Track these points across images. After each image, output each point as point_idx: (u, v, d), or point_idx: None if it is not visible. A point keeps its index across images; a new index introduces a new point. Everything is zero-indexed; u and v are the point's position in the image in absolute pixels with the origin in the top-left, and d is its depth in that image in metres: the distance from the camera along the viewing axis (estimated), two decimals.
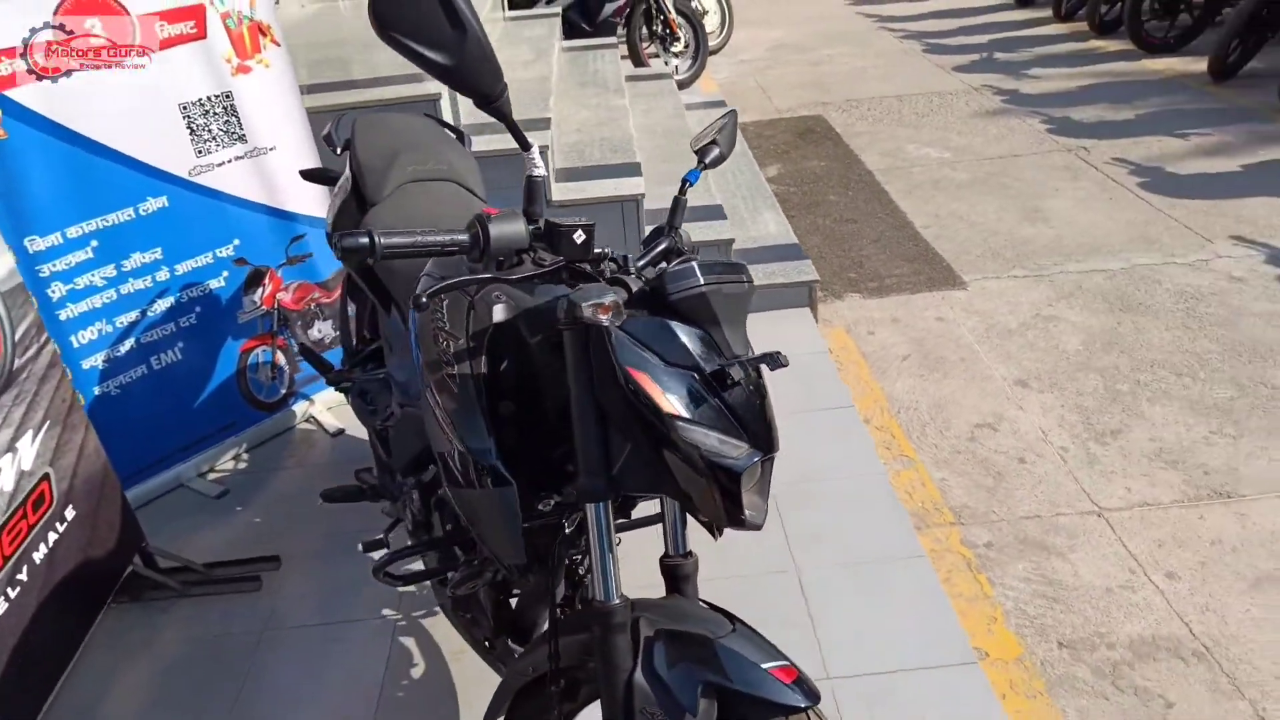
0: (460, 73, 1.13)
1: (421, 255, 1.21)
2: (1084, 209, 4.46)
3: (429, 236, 1.20)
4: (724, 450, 1.16)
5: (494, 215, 1.22)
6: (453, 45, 1.11)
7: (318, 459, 2.93)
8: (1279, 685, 2.06)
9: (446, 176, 2.17)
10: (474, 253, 1.22)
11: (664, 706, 1.25)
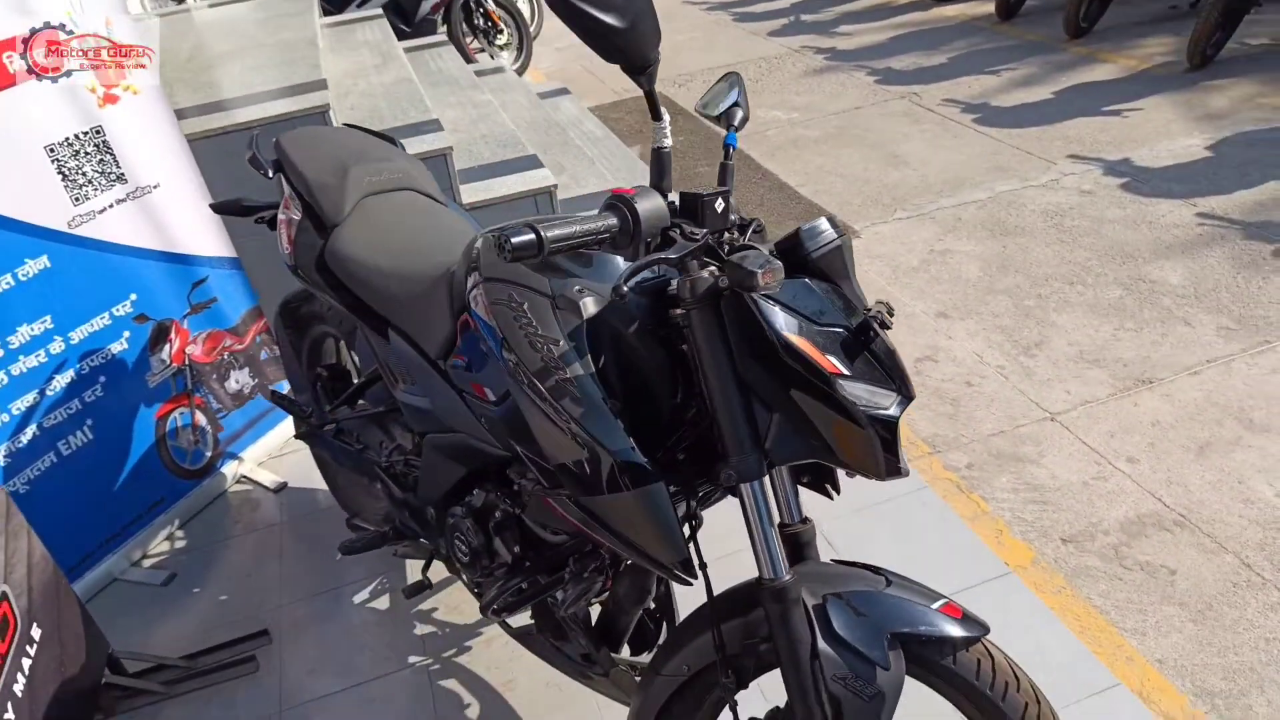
0: (629, 35, 1.06)
1: (578, 246, 1.11)
2: (936, 149, 4.77)
3: (581, 225, 1.10)
4: (878, 401, 1.15)
5: (632, 194, 1.14)
6: (623, 5, 1.03)
7: (266, 519, 2.66)
8: (1253, 533, 2.30)
9: (403, 185, 2.03)
10: (623, 237, 1.13)
11: (854, 669, 1.23)
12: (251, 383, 2.82)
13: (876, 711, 1.22)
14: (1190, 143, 4.46)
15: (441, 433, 1.73)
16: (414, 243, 1.89)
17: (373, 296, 1.81)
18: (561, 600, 1.55)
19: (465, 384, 1.57)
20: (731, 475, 1.21)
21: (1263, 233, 3.62)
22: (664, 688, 1.40)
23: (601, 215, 1.14)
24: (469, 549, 1.70)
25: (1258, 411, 2.70)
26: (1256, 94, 4.94)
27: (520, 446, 1.44)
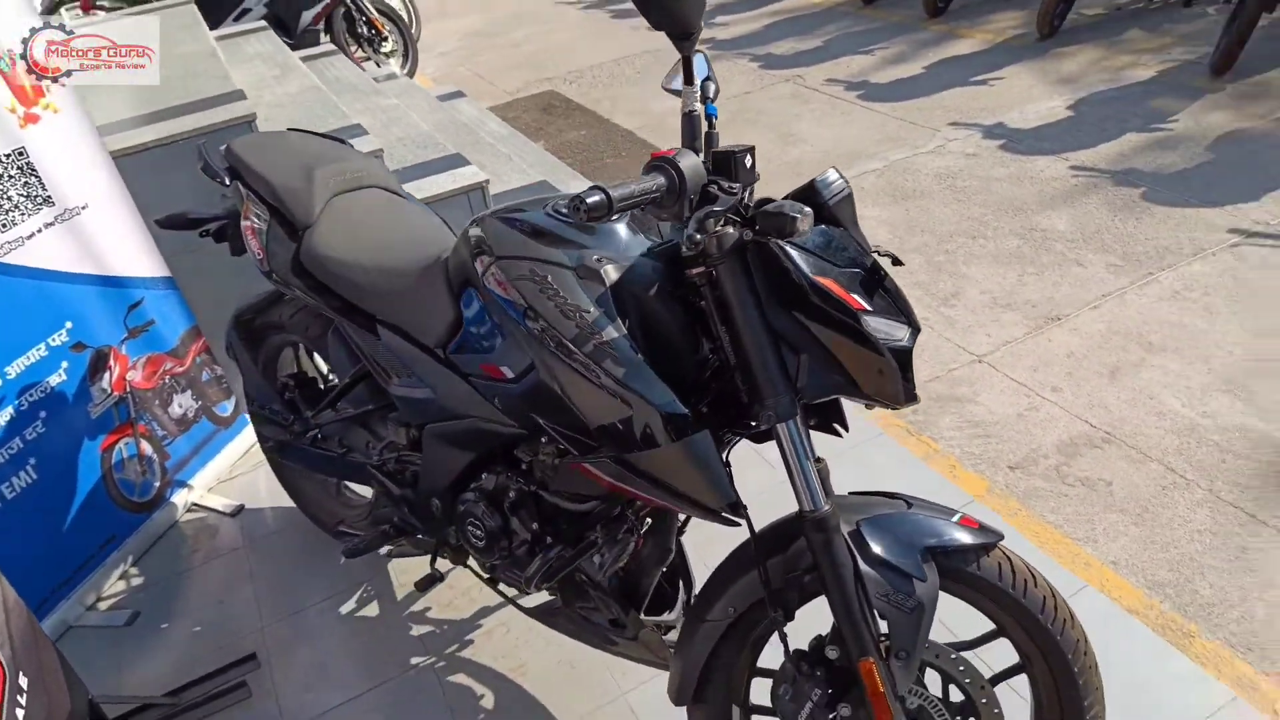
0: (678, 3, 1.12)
1: (636, 205, 1.16)
2: (828, 126, 4.99)
3: (636, 186, 1.15)
4: (893, 333, 1.25)
5: (673, 154, 1.20)
6: None
7: (228, 544, 2.57)
8: (1170, 441, 2.55)
9: (368, 183, 2.02)
10: (671, 195, 1.19)
11: (894, 585, 1.32)
12: (195, 405, 2.71)
13: (918, 622, 1.32)
14: (1052, 104, 4.84)
15: (443, 421, 1.74)
16: (391, 237, 1.88)
17: (358, 294, 1.80)
18: (599, 565, 1.59)
19: (473, 367, 1.59)
20: (770, 415, 1.28)
21: (1129, 179, 3.98)
22: (711, 633, 1.46)
23: (650, 176, 1.19)
24: (485, 532, 1.71)
25: (1154, 335, 2.99)
26: (1101, 57, 5.40)
27: (544, 419, 1.47)
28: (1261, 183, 3.77)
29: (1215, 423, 2.60)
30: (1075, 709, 1.41)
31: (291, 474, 2.51)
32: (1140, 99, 4.73)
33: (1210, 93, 4.66)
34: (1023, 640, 1.42)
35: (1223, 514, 2.31)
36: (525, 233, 1.44)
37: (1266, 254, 3.31)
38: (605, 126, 5.49)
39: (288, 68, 4.09)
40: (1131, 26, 5.80)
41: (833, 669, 1.40)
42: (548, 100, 6.10)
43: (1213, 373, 2.78)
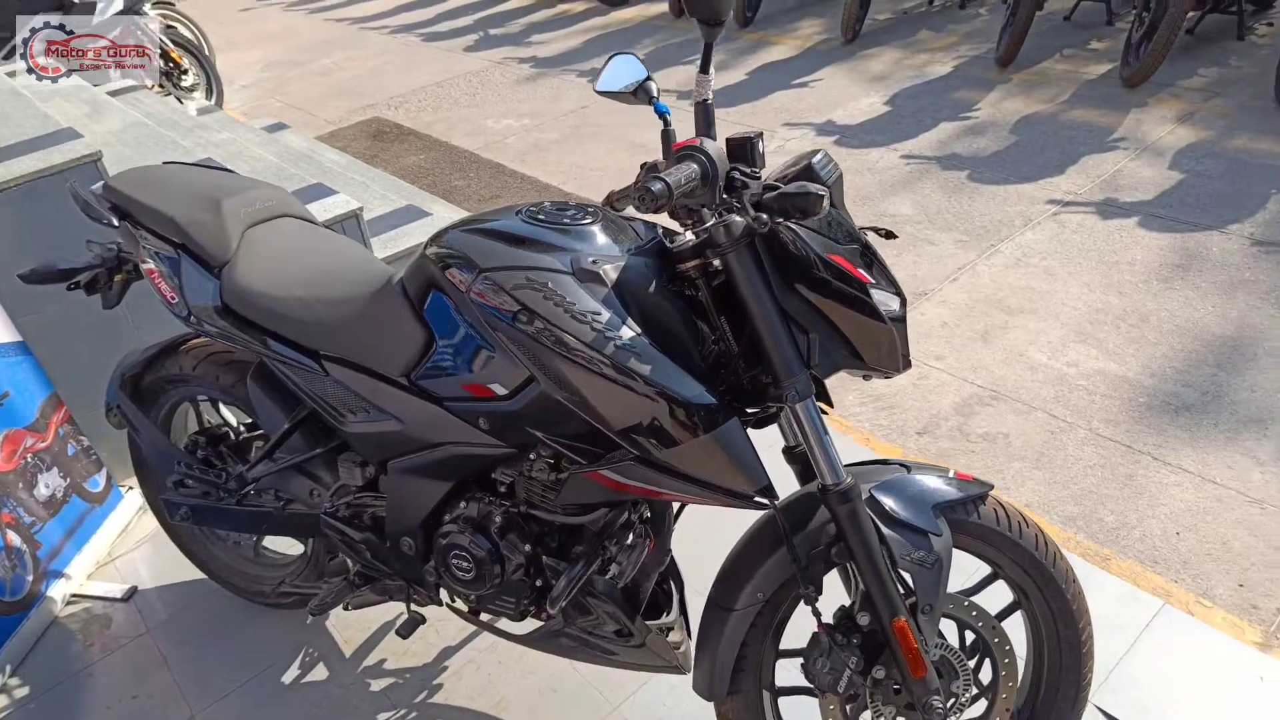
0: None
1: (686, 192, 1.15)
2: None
3: (679, 173, 1.14)
4: (889, 305, 1.32)
5: (698, 144, 1.20)
6: None
7: (128, 631, 2.28)
8: (1047, 390, 2.81)
9: (280, 212, 1.89)
10: (706, 181, 1.19)
11: (915, 544, 1.39)
12: (63, 484, 2.40)
13: (938, 577, 1.39)
14: (871, 101, 5.22)
15: (411, 454, 1.64)
16: (322, 267, 1.76)
17: (298, 330, 1.67)
18: (618, 572, 1.55)
19: (451, 390, 1.51)
20: (793, 395, 1.31)
21: (953, 163, 4.36)
22: (741, 622, 1.46)
23: (683, 165, 1.19)
24: (474, 562, 1.62)
25: (1010, 299, 3.29)
26: (902, 57, 5.88)
27: (544, 432, 1.43)
28: (1061, 158, 4.24)
29: (1078, 370, 2.90)
30: (1073, 633, 1.54)
31: (198, 544, 2.28)
32: (944, 92, 5.19)
33: (1001, 83, 5.20)
34: (1019, 578, 1.52)
35: (1105, 449, 2.58)
36: (508, 242, 1.39)
37: (1082, 219, 3.73)
38: (444, 149, 5.36)
39: (98, 104, 3.71)
40: (920, 28, 6.36)
41: (864, 634, 1.45)
42: (375, 127, 5.89)
43: (1065, 326, 3.10)
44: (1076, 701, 1.59)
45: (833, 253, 1.27)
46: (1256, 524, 2.28)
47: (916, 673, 1.42)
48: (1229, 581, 2.15)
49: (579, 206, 1.48)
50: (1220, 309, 3.07)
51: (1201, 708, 1.81)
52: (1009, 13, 5.26)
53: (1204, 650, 1.93)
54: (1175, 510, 2.36)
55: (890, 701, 1.49)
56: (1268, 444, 2.51)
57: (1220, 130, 4.27)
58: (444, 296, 1.46)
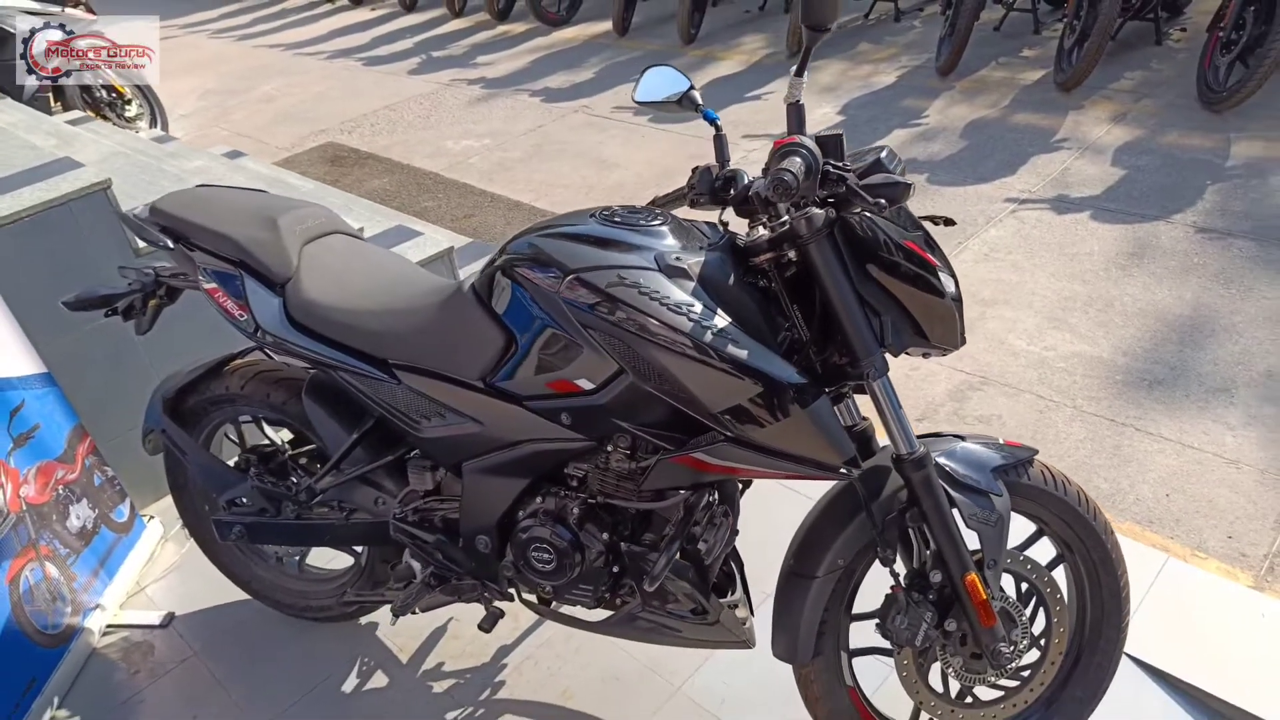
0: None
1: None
2: (633, 149, 5.26)
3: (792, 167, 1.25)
4: (949, 286, 1.46)
5: (795, 141, 1.31)
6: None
7: (174, 656, 2.27)
8: (1031, 374, 3.01)
9: (330, 229, 1.94)
10: (810, 175, 1.30)
11: (980, 504, 1.53)
12: (93, 515, 2.38)
13: (1002, 533, 1.53)
14: (825, 111, 5.44)
15: (486, 454, 1.71)
16: (382, 280, 1.82)
17: (368, 340, 1.72)
18: (705, 550, 1.64)
19: (534, 389, 1.59)
20: (873, 371, 1.44)
21: (911, 167, 4.57)
22: (824, 588, 1.57)
23: (791, 159, 1.30)
24: (555, 552, 1.70)
25: (984, 291, 3.49)
26: (847, 69, 6.14)
27: (631, 422, 1.52)
28: (1011, 159, 4.51)
29: (1056, 353, 3.10)
30: (1113, 579, 1.69)
31: (240, 566, 2.29)
32: (892, 101, 5.44)
33: (944, 91, 5.47)
34: (1064, 532, 1.67)
35: (1091, 424, 2.77)
36: (592, 244, 1.48)
37: (1039, 214, 3.97)
38: (407, 171, 5.39)
39: (64, 135, 3.67)
40: (860, 40, 6.64)
41: (938, 591, 1.57)
42: (332, 153, 5.88)
43: (1038, 314, 3.31)
44: (1117, 644, 1.74)
45: (906, 239, 1.40)
46: (1235, 482, 2.50)
47: (986, 622, 1.55)
48: (1219, 534, 2.35)
49: (647, 210, 1.58)
50: (1176, 291, 3.32)
51: (1214, 644, 1.99)
52: (948, 24, 5.56)
53: (1207, 595, 2.12)
54: (1162, 475, 2.56)
55: (959, 653, 1.61)
56: (1235, 410, 2.74)
57: (1152, 128, 4.59)
58: (527, 298, 1.54)
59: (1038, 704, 1.75)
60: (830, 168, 1.35)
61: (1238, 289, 3.28)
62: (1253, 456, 2.57)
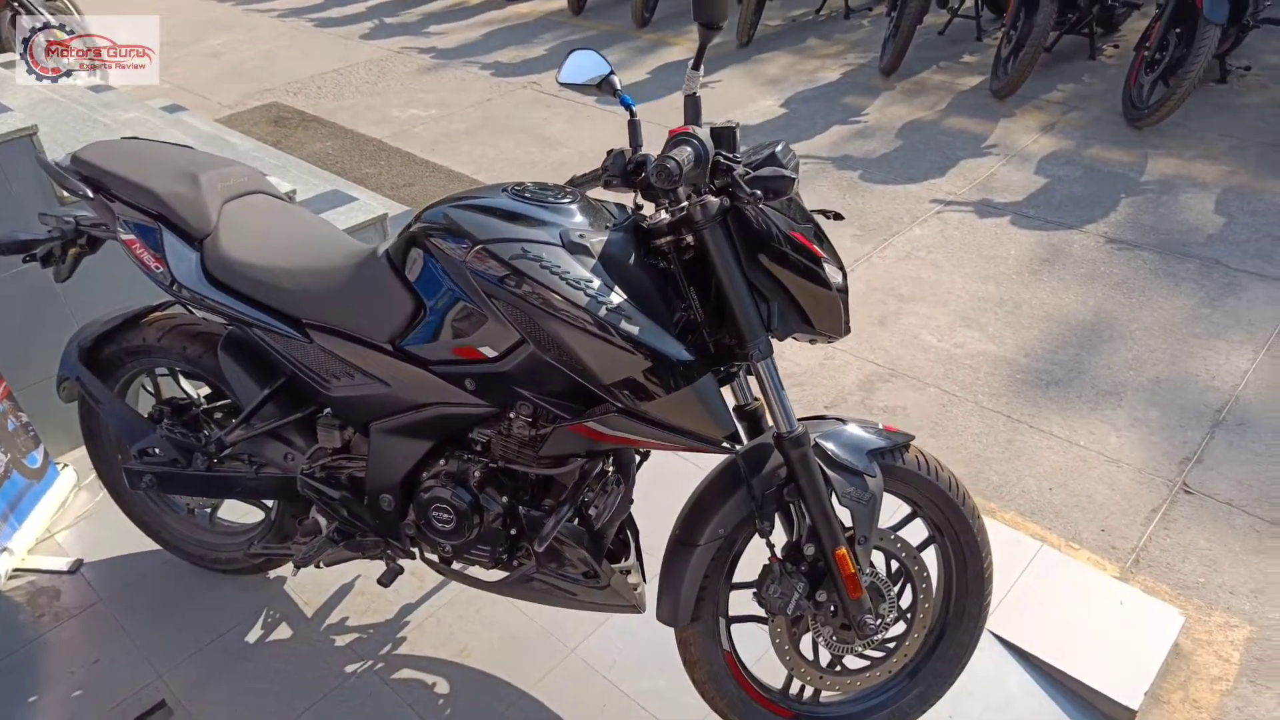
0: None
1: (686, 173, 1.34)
2: (579, 128, 5.30)
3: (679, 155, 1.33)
4: (835, 278, 1.56)
5: (690, 131, 1.39)
6: None
7: (79, 602, 2.29)
8: (938, 369, 3.15)
9: (252, 188, 1.98)
10: (698, 165, 1.37)
11: (853, 484, 1.63)
12: (4, 460, 2.37)
13: (873, 512, 1.64)
14: (768, 103, 5.54)
15: (394, 415, 1.77)
16: (300, 240, 1.86)
17: (283, 299, 1.77)
18: (595, 516, 1.72)
19: (440, 354, 1.65)
20: (756, 354, 1.53)
21: (846, 164, 4.71)
22: (705, 555, 1.66)
23: (680, 149, 1.37)
24: (455, 514, 1.77)
25: (902, 288, 3.63)
26: (794, 62, 6.24)
27: (530, 390, 1.60)
28: (942, 161, 4.66)
29: (964, 350, 3.25)
30: (978, 562, 1.82)
31: (152, 516, 2.32)
32: (835, 97, 5.56)
33: (886, 90, 5.61)
34: (935, 516, 1.79)
35: (989, 419, 2.93)
36: (501, 217, 1.55)
37: (962, 217, 4.13)
38: (351, 137, 5.36)
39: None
40: (809, 35, 6.75)
41: (810, 563, 1.68)
42: (276, 113, 5.80)
43: (952, 313, 3.46)
44: (979, 621, 1.87)
45: (794, 230, 1.50)
46: (1114, 479, 2.67)
47: (854, 594, 1.66)
48: (1093, 527, 2.52)
49: (558, 187, 1.65)
50: (1081, 297, 3.50)
51: (1073, 626, 2.14)
52: (892, 25, 5.69)
53: (1074, 582, 2.27)
54: (1048, 470, 2.72)
55: (828, 623, 1.72)
56: (1122, 412, 2.91)
57: (1077, 140, 4.78)
58: (437, 266, 1.60)
59: (902, 674, 1.88)
60: (721, 158, 1.43)
61: (1138, 298, 3.47)
62: (1133, 456, 2.74)
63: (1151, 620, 2.16)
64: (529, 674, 2.06)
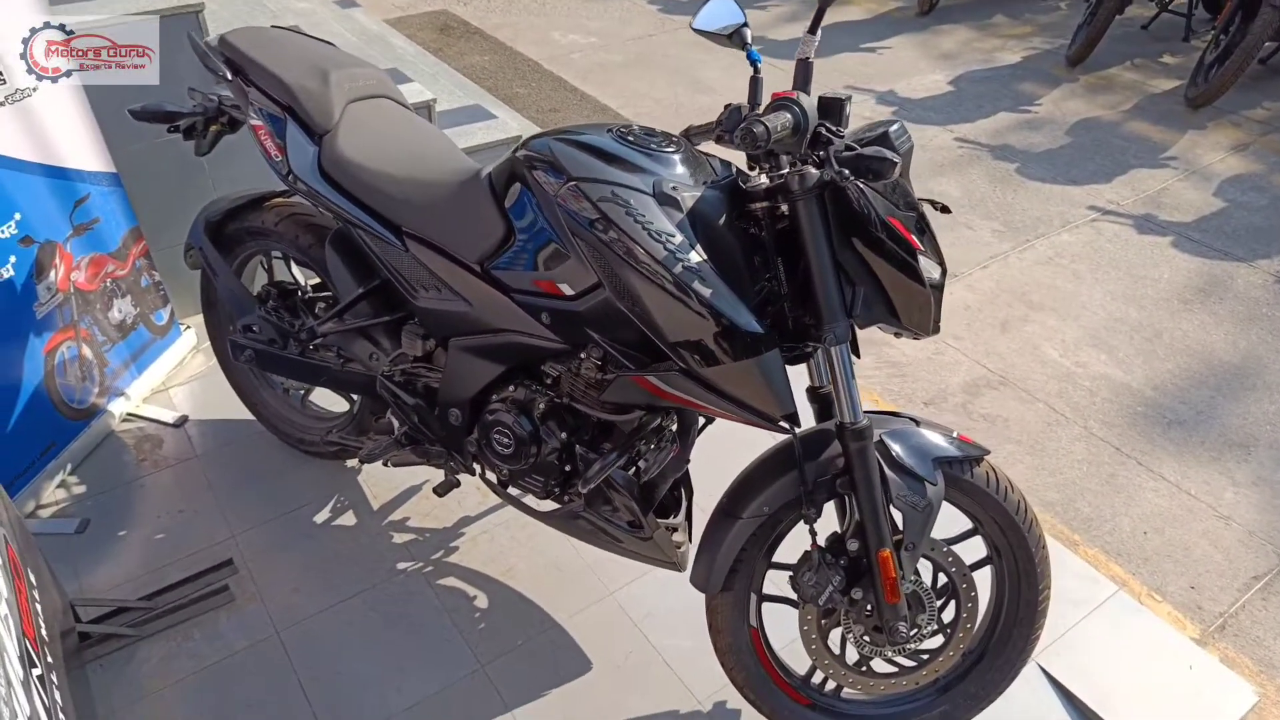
0: None
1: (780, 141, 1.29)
2: (733, 77, 5.18)
3: (774, 121, 1.28)
4: (932, 273, 1.47)
5: (795, 97, 1.33)
6: None
7: (177, 454, 2.49)
8: (1052, 386, 2.97)
9: (380, 92, 2.03)
10: (796, 133, 1.32)
11: (911, 487, 1.56)
12: (134, 312, 2.58)
13: (927, 520, 1.57)
14: (935, 78, 5.25)
15: (472, 335, 1.81)
16: (413, 148, 1.91)
17: (386, 203, 1.82)
18: (644, 469, 1.73)
19: (523, 283, 1.67)
20: (831, 338, 1.47)
21: (1004, 154, 4.43)
22: (745, 529, 1.64)
23: (778, 114, 1.32)
24: (514, 440, 1.80)
25: (1034, 294, 3.42)
26: (973, 39, 5.88)
27: (601, 335, 1.59)
28: (1111, 167, 4.32)
29: (1086, 371, 3.05)
30: (1033, 593, 1.72)
31: (251, 388, 2.47)
32: (1009, 81, 5.22)
33: (1067, 82, 5.22)
34: (996, 536, 1.70)
35: (1096, 447, 2.74)
36: (599, 157, 1.53)
37: (1119, 229, 3.83)
38: (509, 54, 5.42)
39: None
40: (996, 11, 6.33)
41: (851, 559, 1.63)
42: (443, 20, 5.93)
43: (1082, 329, 3.24)
44: (1023, 652, 1.78)
45: (892, 215, 1.41)
46: (1219, 536, 2.46)
47: (890, 599, 1.61)
48: (1182, 582, 2.34)
49: (665, 135, 1.62)
50: (1231, 338, 3.21)
51: (1132, 680, 2.01)
52: (1088, 12, 5.26)
53: (1145, 634, 2.13)
54: (1147, 512, 2.53)
55: (861, 621, 1.68)
56: (1246, 468, 2.68)
57: (1271, 165, 4.33)
58: (530, 197, 1.61)
59: (931, 688, 1.82)
60: (823, 130, 1.37)
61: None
62: (1246, 516, 2.52)
63: (1221, 692, 2.00)
64: (565, 606, 2.11)
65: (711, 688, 1.93)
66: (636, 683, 1.96)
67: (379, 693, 1.92)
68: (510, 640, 2.03)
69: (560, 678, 1.96)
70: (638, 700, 1.93)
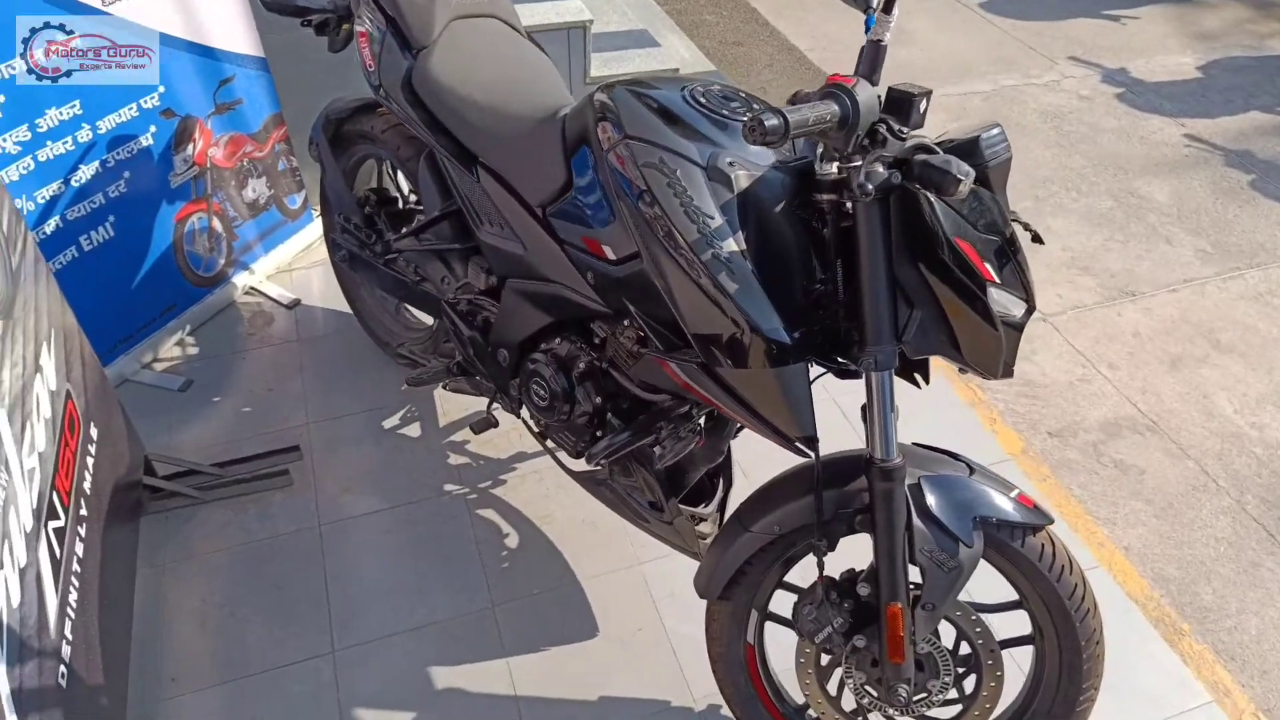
0: None
1: (808, 133, 1.12)
2: (942, 31, 4.72)
3: (810, 112, 1.10)
4: (1009, 309, 1.23)
5: (852, 84, 1.14)
6: None
7: (281, 334, 2.63)
8: (1213, 444, 2.56)
9: (488, 11, 1.95)
10: (842, 127, 1.13)
11: (940, 544, 1.37)
12: (267, 193, 2.71)
13: (953, 583, 1.37)
14: (1182, 60, 4.56)
15: (527, 279, 1.75)
16: (506, 76, 1.83)
17: (464, 130, 1.77)
18: (659, 455, 1.63)
19: (573, 237, 1.57)
20: (871, 362, 1.29)
21: (1242, 161, 3.80)
22: (751, 543, 1.51)
23: (824, 103, 1.13)
24: (549, 393, 1.75)
25: (1225, 333, 2.94)
26: (1246, 19, 5.04)
27: (636, 306, 1.48)
28: None
29: (1261, 435, 2.60)
30: (1075, 690, 1.50)
31: (352, 283, 2.54)
32: (1275, 75, 4.45)
33: None
34: (1042, 617, 1.48)
35: (1244, 527, 2.35)
36: (660, 116, 1.39)
37: None
38: None
39: None
40: None
41: (859, 603, 1.47)
42: None
43: (1273, 384, 2.76)
44: None
45: (961, 237, 1.19)
46: None
47: (893, 658, 1.44)
48: None
49: (747, 100, 1.45)
50: None
51: None
52: None
53: None
54: None
55: (862, 669, 1.52)
56: None
57: None
58: (588, 149, 1.50)
59: None
60: (882, 126, 1.16)
61: None
62: None
63: None
64: (589, 565, 2.07)
65: (710, 688, 1.83)
66: (635, 662, 1.90)
67: (391, 606, 1.96)
68: (527, 586, 2.02)
69: (563, 637, 1.93)
70: (632, 680, 1.87)
